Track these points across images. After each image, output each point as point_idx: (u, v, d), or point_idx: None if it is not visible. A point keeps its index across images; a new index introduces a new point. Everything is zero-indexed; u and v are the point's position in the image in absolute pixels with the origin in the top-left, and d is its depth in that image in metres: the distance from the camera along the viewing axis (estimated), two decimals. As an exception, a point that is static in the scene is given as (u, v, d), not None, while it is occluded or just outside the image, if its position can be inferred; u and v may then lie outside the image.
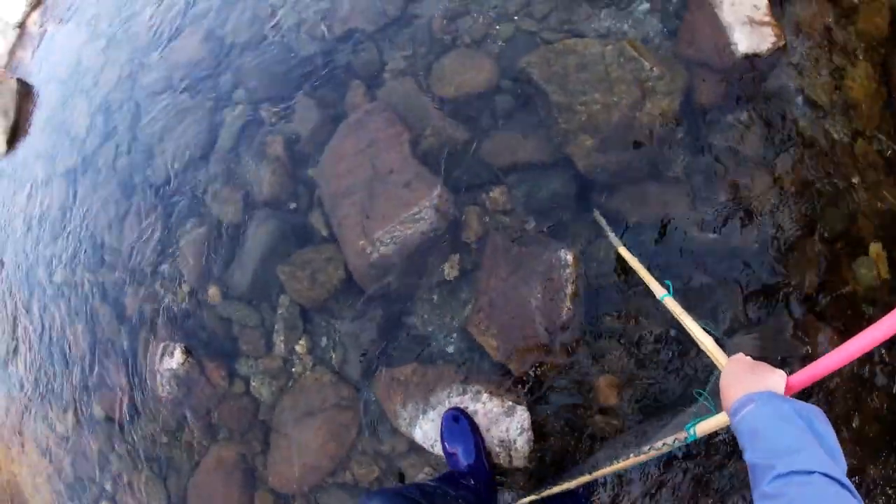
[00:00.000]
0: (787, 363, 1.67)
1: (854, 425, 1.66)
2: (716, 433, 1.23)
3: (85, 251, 2.62)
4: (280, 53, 2.24)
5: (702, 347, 1.12)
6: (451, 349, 1.78)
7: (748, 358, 0.91)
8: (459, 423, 1.57)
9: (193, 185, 2.25)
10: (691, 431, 0.99)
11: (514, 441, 1.59)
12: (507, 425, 1.59)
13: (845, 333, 1.71)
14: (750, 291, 1.73)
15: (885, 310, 1.80)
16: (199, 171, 2.25)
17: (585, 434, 1.68)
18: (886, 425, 1.68)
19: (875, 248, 1.83)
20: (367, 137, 1.92)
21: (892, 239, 1.81)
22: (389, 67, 2.05)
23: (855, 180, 1.88)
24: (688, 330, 1.20)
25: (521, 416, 1.59)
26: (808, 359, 1.68)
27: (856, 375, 1.68)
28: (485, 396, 1.63)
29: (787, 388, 0.81)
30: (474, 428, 1.59)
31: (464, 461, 1.51)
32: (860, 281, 1.77)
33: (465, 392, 1.66)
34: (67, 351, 2.62)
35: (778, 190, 1.83)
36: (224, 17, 2.47)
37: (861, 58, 2.07)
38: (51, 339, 2.73)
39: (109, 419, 2.45)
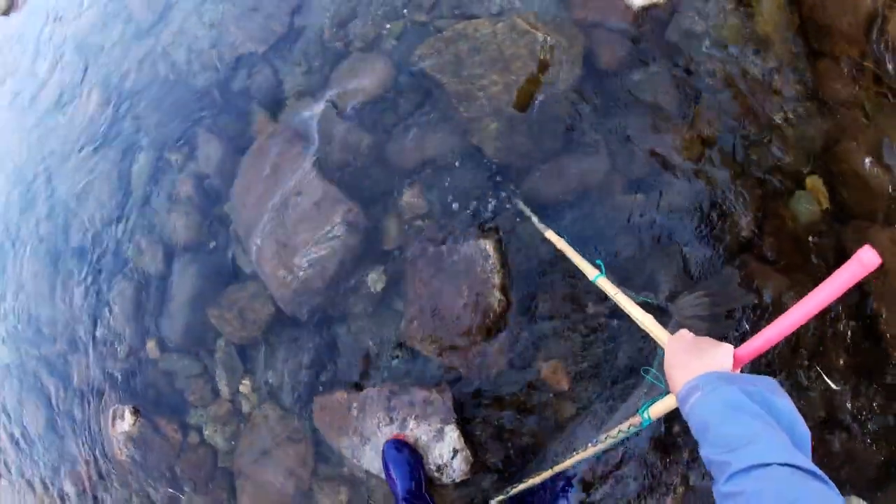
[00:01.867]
0: (736, 316, 1.65)
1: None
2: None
3: (24, 327, 2.61)
4: (177, 91, 2.24)
5: (641, 327, 1.09)
6: (392, 363, 1.77)
7: (690, 335, 0.88)
8: (401, 452, 1.57)
9: (114, 242, 2.24)
10: (645, 415, 0.97)
11: (451, 464, 1.58)
12: (439, 451, 1.58)
13: (793, 271, 1.69)
14: (687, 250, 1.72)
15: (833, 239, 1.80)
16: (117, 227, 2.24)
17: (540, 424, 1.68)
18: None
19: (811, 180, 1.82)
20: (270, 163, 1.91)
21: (827, 168, 1.80)
22: (286, 86, 2.04)
23: (778, 116, 1.87)
24: (624, 310, 1.17)
25: (451, 436, 1.58)
26: (759, 307, 1.67)
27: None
28: (411, 423, 1.61)
29: (735, 361, 0.78)
30: (415, 456, 1.59)
31: (404, 488, 1.51)
32: (800, 216, 1.76)
33: (392, 421, 1.65)
34: (26, 431, 2.63)
35: (700, 140, 1.81)
36: (118, 65, 2.46)
37: None
38: (10, 420, 2.75)
39: (82, 492, 2.46)
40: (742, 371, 0.85)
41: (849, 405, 1.59)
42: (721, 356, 0.77)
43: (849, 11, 1.94)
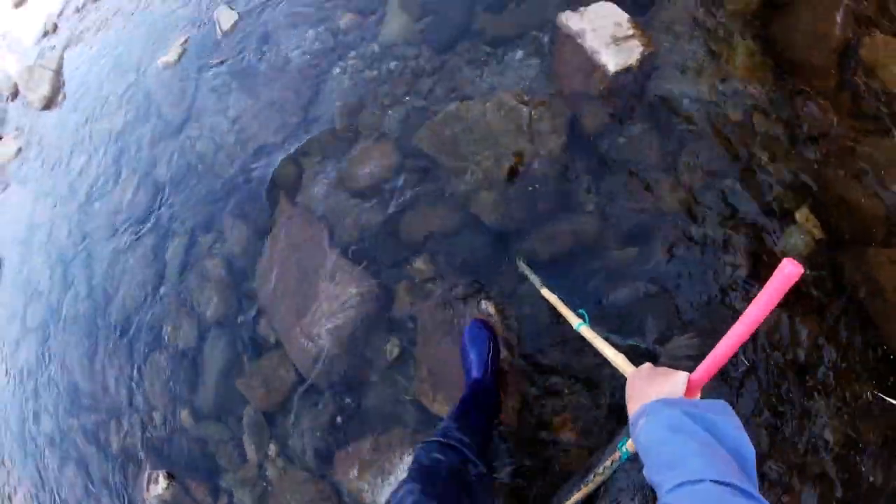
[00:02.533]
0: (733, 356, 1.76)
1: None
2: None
3: (66, 398, 2.80)
4: (205, 180, 2.48)
5: (614, 365, 1.19)
6: (406, 422, 1.90)
7: (648, 366, 0.94)
8: (481, 331, 1.71)
9: (150, 318, 2.44)
10: (623, 449, 1.05)
11: None
12: None
13: (794, 305, 1.74)
14: (679, 295, 1.81)
15: (830, 268, 1.87)
16: (153, 304, 2.45)
17: (549, 475, 1.78)
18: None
19: (802, 213, 1.87)
20: (291, 242, 2.12)
21: (816, 199, 1.87)
22: (303, 172, 2.27)
23: (763, 156, 1.94)
24: (600, 352, 1.28)
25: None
26: (752, 342, 1.72)
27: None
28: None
29: (690, 386, 0.83)
30: (493, 337, 1.73)
31: (478, 371, 1.64)
32: (794, 249, 1.81)
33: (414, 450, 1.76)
34: (67, 496, 2.78)
35: (687, 189, 1.92)
36: (152, 157, 2.73)
37: (738, 38, 2.14)
38: (51, 486, 2.91)
39: (117, 556, 2.60)
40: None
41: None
42: (673, 383, 0.82)
43: (819, 44, 2.04)
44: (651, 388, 0.83)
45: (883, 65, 2.03)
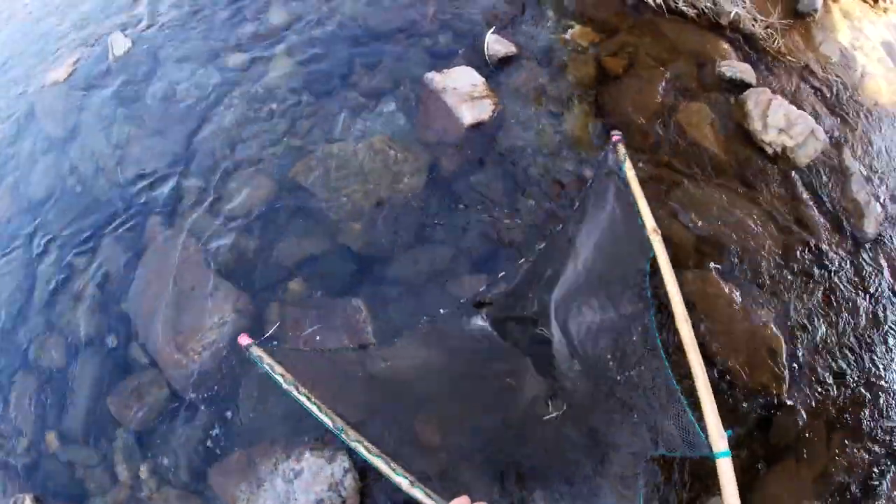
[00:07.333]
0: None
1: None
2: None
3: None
4: (83, 201, 2.33)
5: None
6: (279, 431, 1.87)
7: None
8: None
9: (18, 338, 2.22)
10: None
11: (342, 481, 1.71)
12: (331, 470, 1.73)
13: None
14: None
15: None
16: (21, 325, 2.23)
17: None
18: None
19: None
20: (168, 262, 2.06)
21: None
22: (183, 198, 2.22)
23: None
24: None
25: (342, 458, 1.75)
26: None
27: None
28: (307, 454, 1.76)
29: None
30: None
31: None
32: None
33: (289, 457, 1.77)
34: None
35: (526, 225, 2.16)
36: (27, 174, 2.50)
37: (576, 102, 2.52)
38: None
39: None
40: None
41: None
42: None
43: (642, 109, 2.47)
44: None
45: (694, 125, 2.49)
